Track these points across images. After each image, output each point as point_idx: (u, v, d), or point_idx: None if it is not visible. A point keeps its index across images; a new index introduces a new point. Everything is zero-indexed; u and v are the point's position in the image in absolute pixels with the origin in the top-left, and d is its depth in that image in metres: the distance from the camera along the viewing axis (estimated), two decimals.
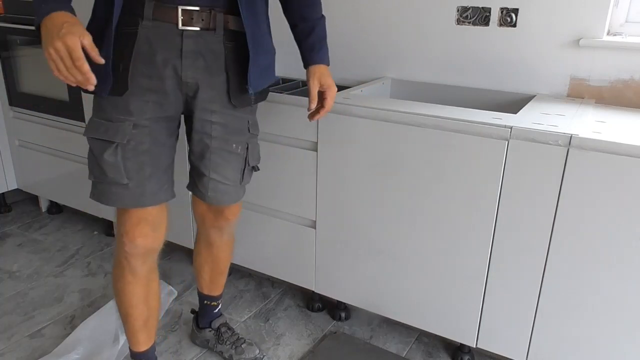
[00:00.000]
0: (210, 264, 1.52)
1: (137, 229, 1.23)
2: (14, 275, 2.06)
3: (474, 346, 1.48)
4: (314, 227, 1.66)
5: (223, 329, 1.60)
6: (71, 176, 2.28)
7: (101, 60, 1.00)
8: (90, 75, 0.99)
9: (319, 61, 1.33)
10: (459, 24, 1.70)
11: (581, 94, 1.58)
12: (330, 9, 1.91)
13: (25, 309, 1.84)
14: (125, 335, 1.39)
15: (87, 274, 2.07)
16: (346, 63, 1.95)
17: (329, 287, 1.70)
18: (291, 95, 1.60)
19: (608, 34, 1.57)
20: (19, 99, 2.34)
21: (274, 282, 2.01)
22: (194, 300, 1.86)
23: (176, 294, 1.90)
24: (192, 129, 1.28)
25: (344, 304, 1.78)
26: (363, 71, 1.93)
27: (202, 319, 1.63)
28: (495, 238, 1.35)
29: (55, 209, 2.59)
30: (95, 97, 1.19)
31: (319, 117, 1.35)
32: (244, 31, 1.21)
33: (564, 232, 1.26)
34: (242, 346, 1.57)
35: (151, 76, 1.16)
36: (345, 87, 1.81)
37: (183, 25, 1.15)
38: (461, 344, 1.57)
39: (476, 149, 1.31)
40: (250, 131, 1.33)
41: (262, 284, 2.01)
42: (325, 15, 1.36)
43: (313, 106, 1.31)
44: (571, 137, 1.19)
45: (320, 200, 1.62)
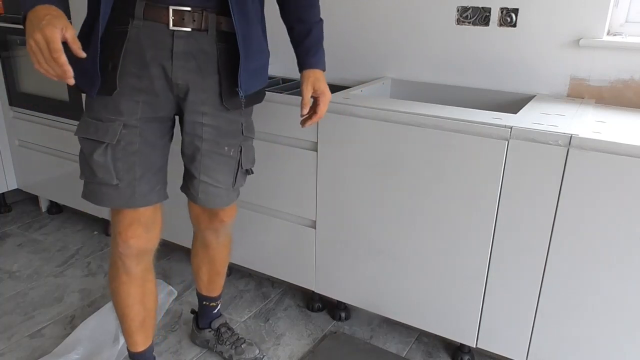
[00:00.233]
0: (207, 265, 1.52)
1: (129, 229, 1.22)
2: (14, 275, 2.06)
3: (474, 346, 1.48)
4: (314, 227, 1.66)
5: (223, 329, 1.60)
6: (71, 176, 2.28)
7: (82, 54, 0.98)
8: (68, 68, 0.95)
9: (314, 65, 1.29)
10: (459, 23, 1.70)
11: (581, 94, 1.58)
12: (330, 9, 1.91)
13: (25, 309, 1.84)
14: (123, 336, 1.39)
15: (87, 274, 2.07)
16: (346, 63, 1.95)
17: (329, 287, 1.70)
18: (291, 95, 1.60)
19: (608, 34, 1.57)
20: (19, 99, 2.34)
21: (274, 282, 2.01)
22: (194, 300, 1.86)
23: (176, 294, 1.90)
24: (182, 130, 1.26)
25: (344, 304, 1.78)
26: (363, 71, 1.93)
27: (202, 319, 1.63)
28: (495, 238, 1.35)
29: (55, 209, 2.59)
30: (87, 96, 1.18)
31: (310, 123, 1.30)
32: (231, 31, 1.18)
33: (564, 232, 1.26)
34: (242, 346, 1.57)
35: (141, 76, 1.15)
36: (345, 87, 1.81)
37: (174, 25, 1.13)
38: (461, 344, 1.57)
39: (476, 149, 1.31)
40: (244, 134, 1.30)
41: (262, 284, 2.01)
42: (323, 19, 1.33)
43: (305, 112, 1.27)
44: (571, 137, 1.19)
45: (320, 200, 1.62)
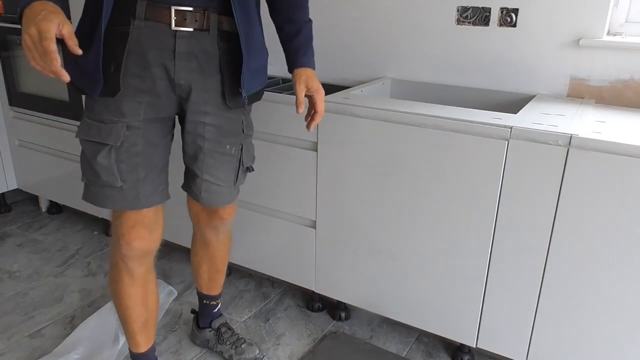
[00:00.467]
0: (207, 262, 1.52)
1: (133, 231, 1.21)
2: (14, 275, 2.06)
3: (474, 346, 1.48)
4: (314, 227, 1.66)
5: (223, 329, 1.60)
6: (71, 176, 2.28)
7: (78, 51, 0.96)
8: (56, 56, 0.93)
9: (304, 64, 1.30)
10: (459, 24, 1.70)
11: (581, 94, 1.58)
12: (330, 9, 1.91)
13: (25, 309, 1.84)
14: (125, 337, 1.39)
15: (87, 274, 2.07)
16: (346, 63, 1.95)
17: (329, 287, 1.70)
18: (291, 95, 1.59)
19: (608, 34, 1.57)
20: (19, 99, 2.34)
21: (274, 282, 2.01)
22: (194, 300, 1.86)
23: (176, 294, 1.89)
24: (184, 129, 1.26)
25: (344, 304, 1.78)
26: (363, 71, 1.93)
27: (202, 318, 1.63)
28: (495, 238, 1.35)
29: (55, 209, 2.59)
30: (87, 97, 1.17)
31: (315, 124, 1.31)
32: (236, 32, 1.19)
33: (564, 232, 1.26)
34: (242, 346, 1.57)
35: (143, 77, 1.14)
36: (345, 87, 1.81)
37: (176, 25, 1.13)
38: (461, 344, 1.57)
39: (476, 149, 1.31)
40: (244, 132, 1.32)
41: (262, 284, 2.01)
42: (312, 19, 1.34)
43: (301, 111, 1.26)
44: (571, 137, 1.19)
45: (320, 200, 1.62)
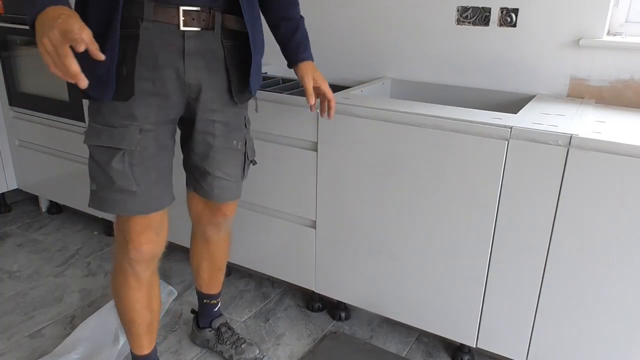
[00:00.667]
0: (208, 261, 1.52)
1: (142, 236, 1.20)
2: (14, 275, 2.06)
3: (474, 346, 1.48)
4: (314, 227, 1.66)
5: (223, 329, 1.60)
6: (71, 176, 2.28)
7: (101, 56, 0.93)
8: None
9: (307, 58, 1.36)
10: (459, 24, 1.70)
11: (581, 94, 1.58)
12: (330, 9, 1.91)
13: (25, 309, 1.84)
14: (128, 340, 1.38)
15: (87, 274, 2.07)
16: (346, 63, 1.95)
17: (329, 287, 1.70)
18: (291, 95, 1.60)
19: (608, 34, 1.57)
20: (19, 99, 2.34)
21: (274, 282, 2.01)
22: (194, 300, 1.86)
23: (176, 294, 1.89)
24: (194, 129, 1.26)
25: (344, 304, 1.78)
26: (363, 71, 1.93)
27: (203, 318, 1.63)
28: (495, 238, 1.35)
29: (55, 209, 2.59)
30: (92, 102, 1.15)
31: (334, 110, 1.40)
32: (240, 30, 1.22)
33: (564, 232, 1.26)
34: (242, 346, 1.57)
35: (154, 79, 1.14)
36: (345, 87, 1.81)
37: (184, 25, 1.14)
38: (461, 344, 1.57)
39: (476, 149, 1.31)
40: (246, 126, 1.36)
41: (262, 284, 2.01)
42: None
43: (313, 101, 1.34)
44: (571, 137, 1.19)
45: (320, 200, 1.62)
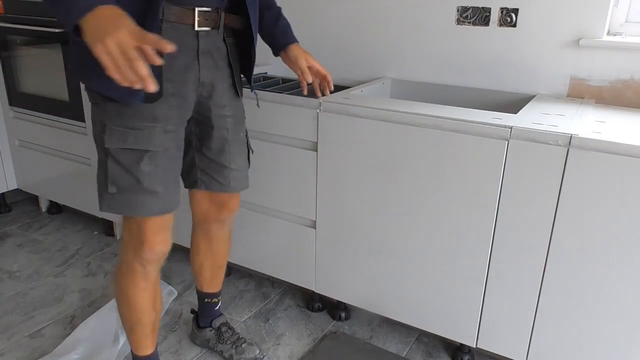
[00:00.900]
0: (210, 259, 1.53)
1: (158, 236, 1.20)
2: (14, 275, 2.06)
3: (474, 346, 1.48)
4: (314, 227, 1.66)
5: (224, 329, 1.60)
6: (71, 176, 2.28)
7: (170, 47, 0.88)
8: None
9: (294, 40, 1.40)
10: (459, 24, 1.70)
11: (581, 94, 1.58)
12: (329, 9, 1.91)
13: (25, 309, 1.84)
14: (130, 341, 1.37)
15: (87, 274, 2.07)
16: (346, 63, 1.95)
17: (329, 287, 1.70)
18: (291, 95, 1.60)
19: (608, 34, 1.57)
20: (19, 99, 2.34)
21: (274, 282, 2.01)
22: (194, 300, 1.86)
23: (176, 294, 1.90)
24: (210, 126, 1.29)
25: (344, 304, 1.78)
26: (363, 71, 1.93)
27: (203, 318, 1.63)
28: (495, 238, 1.35)
29: (55, 209, 2.59)
30: (106, 104, 1.11)
31: (331, 84, 1.42)
32: (240, 28, 1.28)
33: (564, 232, 1.26)
34: (243, 346, 1.57)
35: (173, 80, 1.15)
36: (345, 87, 1.81)
37: (199, 26, 1.17)
38: (461, 344, 1.57)
39: (476, 149, 1.31)
40: (244, 117, 1.40)
41: (262, 284, 2.01)
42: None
43: (311, 79, 1.37)
44: (571, 137, 1.19)
45: (320, 200, 1.62)
